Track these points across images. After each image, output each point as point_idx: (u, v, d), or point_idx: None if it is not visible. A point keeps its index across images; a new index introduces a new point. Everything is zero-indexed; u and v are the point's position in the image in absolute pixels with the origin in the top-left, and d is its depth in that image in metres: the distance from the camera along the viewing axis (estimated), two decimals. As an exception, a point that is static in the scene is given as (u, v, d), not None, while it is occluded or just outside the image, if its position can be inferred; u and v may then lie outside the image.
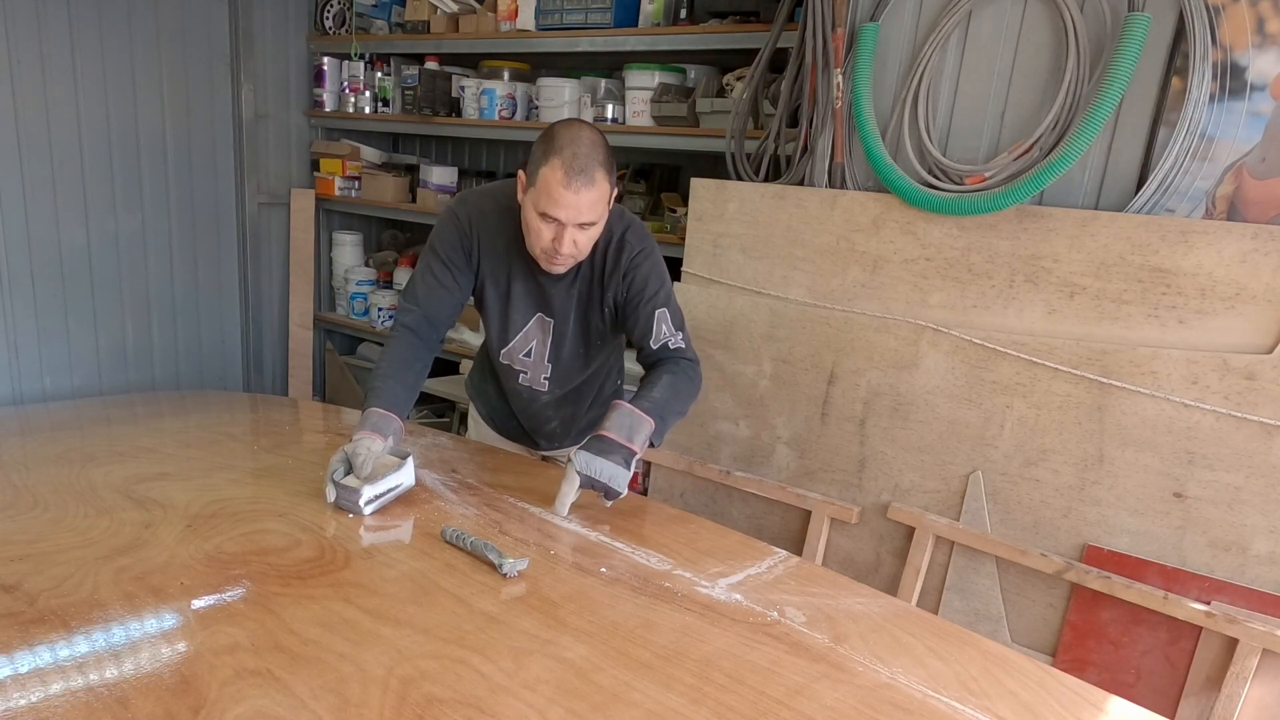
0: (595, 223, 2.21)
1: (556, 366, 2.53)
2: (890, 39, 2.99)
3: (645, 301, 2.38)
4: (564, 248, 2.19)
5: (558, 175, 2.11)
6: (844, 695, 1.56)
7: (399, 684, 1.48)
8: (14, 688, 1.41)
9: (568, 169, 2.11)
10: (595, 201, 2.16)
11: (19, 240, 4.24)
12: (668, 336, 2.40)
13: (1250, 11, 2.42)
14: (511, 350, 2.51)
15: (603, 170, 2.16)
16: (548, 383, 2.55)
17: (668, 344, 2.41)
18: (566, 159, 2.11)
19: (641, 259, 2.38)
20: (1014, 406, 2.78)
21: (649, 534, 2.17)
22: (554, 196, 2.13)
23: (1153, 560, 2.60)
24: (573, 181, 2.11)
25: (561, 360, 2.52)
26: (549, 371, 2.53)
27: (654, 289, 2.40)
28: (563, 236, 2.18)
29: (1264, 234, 2.39)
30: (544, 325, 2.47)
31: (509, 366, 2.55)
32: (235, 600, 1.72)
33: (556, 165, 2.11)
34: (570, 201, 2.13)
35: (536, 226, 2.20)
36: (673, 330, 2.41)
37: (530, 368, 2.53)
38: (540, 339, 2.49)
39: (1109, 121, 2.61)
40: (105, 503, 2.12)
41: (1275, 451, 2.41)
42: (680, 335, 2.43)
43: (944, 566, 2.96)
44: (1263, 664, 2.42)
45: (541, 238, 2.21)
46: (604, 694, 1.50)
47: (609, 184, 2.19)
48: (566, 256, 2.23)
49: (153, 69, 4.55)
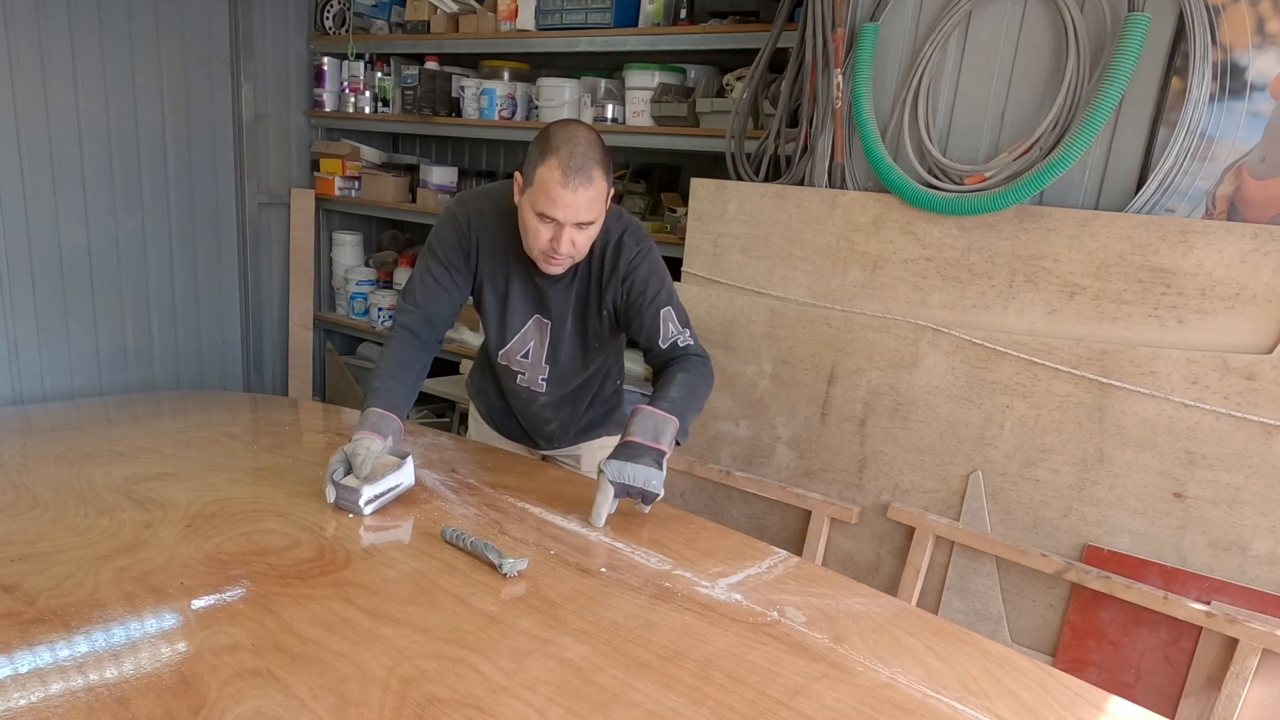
0: (593, 222, 2.21)
1: (554, 368, 2.52)
2: (890, 39, 2.99)
3: (649, 303, 2.38)
4: (562, 248, 2.19)
5: (555, 175, 2.11)
6: (844, 695, 1.56)
7: (399, 684, 1.48)
8: (14, 688, 1.41)
9: (565, 168, 2.10)
10: (593, 201, 2.16)
11: (19, 240, 4.23)
12: (676, 335, 2.40)
13: (1250, 11, 2.42)
14: (509, 351, 2.51)
15: (600, 169, 2.15)
16: (545, 384, 2.55)
17: (676, 342, 2.41)
18: (564, 158, 2.11)
19: (640, 260, 2.38)
20: (1014, 406, 2.78)
21: (649, 534, 2.17)
22: (552, 196, 2.12)
23: (1153, 560, 2.60)
24: (570, 180, 2.10)
25: (559, 362, 2.52)
26: (546, 373, 2.53)
27: (655, 289, 2.39)
28: (561, 237, 2.17)
29: (1264, 234, 2.39)
30: (541, 327, 2.47)
31: (507, 367, 2.55)
32: (235, 600, 1.71)
33: (554, 165, 2.11)
34: (568, 201, 2.12)
35: (534, 227, 2.19)
36: (679, 328, 2.41)
37: (528, 369, 2.53)
38: (538, 340, 2.48)
39: (1109, 121, 2.61)
40: (105, 503, 2.12)
41: (1275, 451, 2.41)
42: (687, 332, 2.43)
43: (944, 566, 2.96)
44: (1263, 664, 2.41)
45: (539, 239, 2.20)
46: (604, 694, 1.50)
47: (606, 183, 2.19)
48: (565, 257, 2.23)
49: (153, 69, 4.55)
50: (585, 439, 2.78)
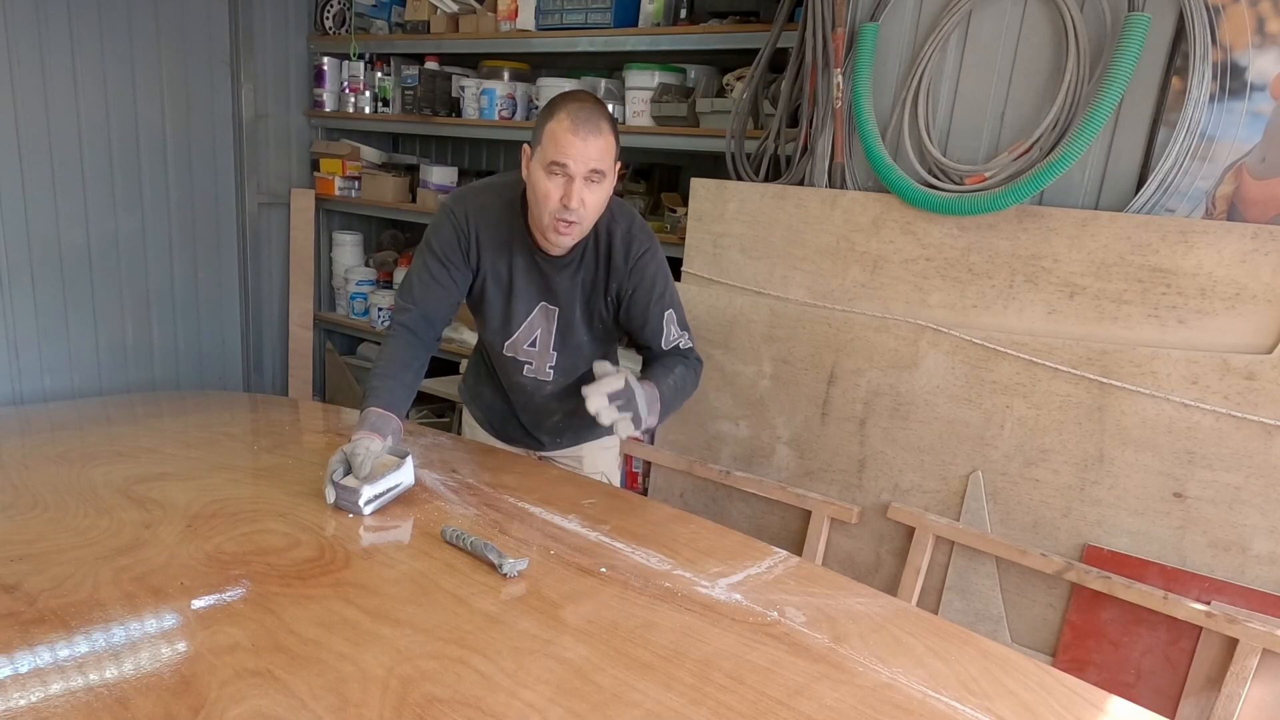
0: (604, 176, 2.22)
1: (562, 355, 2.52)
2: (890, 39, 2.99)
3: (654, 301, 2.42)
4: (573, 202, 2.18)
5: (565, 125, 2.14)
6: (844, 695, 1.56)
7: (399, 684, 1.48)
8: (14, 688, 1.41)
9: (574, 119, 2.14)
10: (603, 151, 2.18)
11: (19, 240, 4.23)
12: (678, 339, 2.48)
13: (1250, 11, 2.42)
14: (515, 342, 2.51)
15: (608, 124, 2.19)
16: (553, 372, 2.55)
17: (678, 346, 2.49)
18: (572, 111, 2.15)
19: (649, 258, 2.41)
20: (1014, 406, 2.78)
21: (649, 534, 2.16)
22: (562, 145, 2.15)
23: (1153, 560, 2.60)
24: (580, 129, 2.14)
25: (567, 348, 2.52)
26: (554, 360, 2.53)
27: (661, 288, 2.43)
28: (571, 191, 2.17)
29: (1264, 234, 2.39)
30: (548, 314, 2.47)
31: (513, 359, 2.55)
32: (235, 600, 1.71)
33: (563, 118, 2.15)
34: (579, 149, 2.15)
35: (544, 188, 2.20)
36: (680, 331, 2.48)
37: (535, 358, 2.53)
38: (545, 328, 2.49)
39: (1109, 121, 2.60)
40: (105, 503, 2.11)
41: (1275, 452, 2.41)
42: (687, 335, 2.50)
43: (944, 566, 2.96)
44: (1263, 664, 2.41)
45: (550, 199, 2.20)
46: (604, 694, 1.50)
47: (614, 141, 2.22)
48: (574, 216, 2.22)
49: (153, 69, 4.54)
50: (587, 438, 2.78)
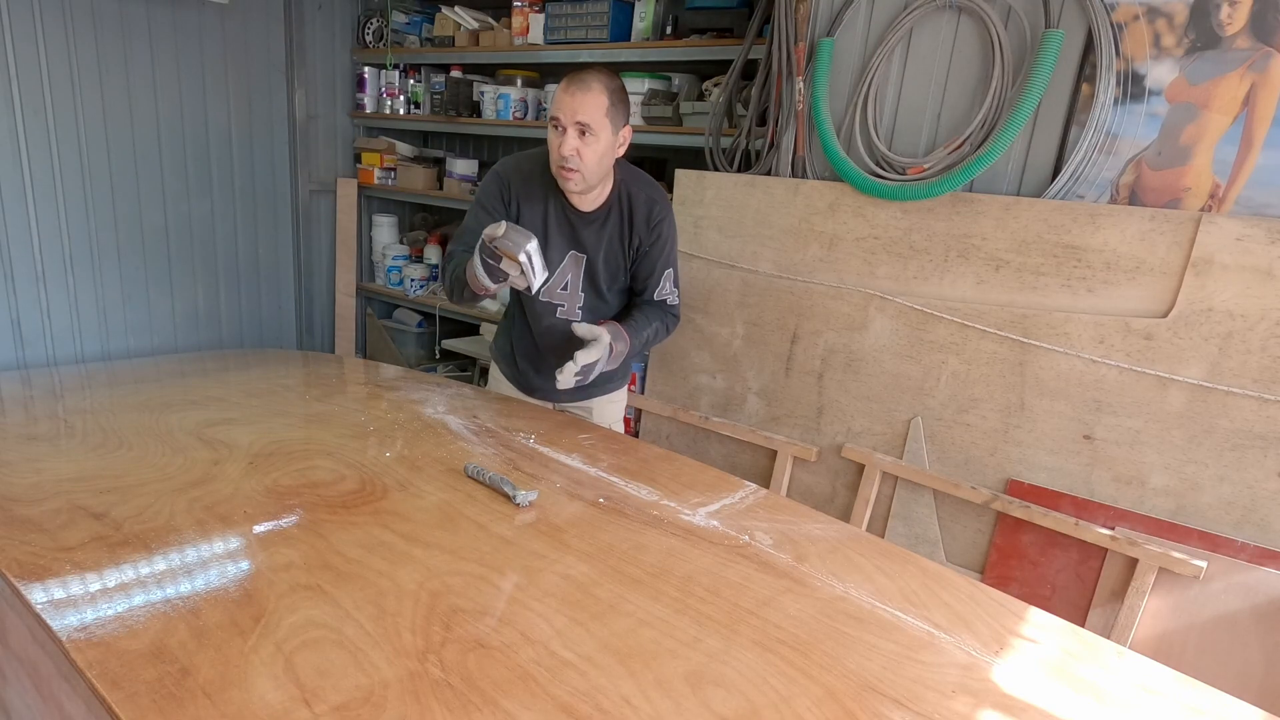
0: (592, 129, 2.20)
1: (590, 296, 2.52)
2: (844, 51, 2.94)
3: (660, 256, 2.48)
4: (565, 150, 2.20)
5: (561, 85, 2.22)
6: (805, 606, 1.55)
7: (429, 596, 1.47)
8: (103, 599, 1.39)
9: (569, 80, 2.21)
10: (590, 105, 2.18)
11: (107, 221, 4.18)
12: (667, 294, 2.54)
13: (1149, 28, 2.39)
14: (551, 285, 2.47)
15: (600, 84, 2.20)
16: (581, 312, 2.53)
17: (667, 300, 2.55)
18: (571, 76, 2.22)
19: (668, 225, 2.48)
20: (948, 362, 2.76)
21: (639, 470, 2.15)
22: (556, 101, 2.22)
23: (1065, 492, 2.59)
24: (570, 86, 2.19)
25: (595, 290, 2.51)
26: (583, 301, 2.52)
27: (669, 251, 2.51)
28: (565, 141, 2.20)
29: (1160, 216, 2.37)
30: (577, 260, 2.46)
31: (548, 303, 2.51)
32: (290, 526, 1.70)
33: (563, 82, 2.22)
34: (566, 103, 2.19)
35: (550, 142, 2.25)
36: (672, 288, 2.55)
37: (567, 300, 2.51)
38: (575, 272, 2.47)
39: (1029, 121, 2.58)
40: (180, 443, 2.09)
41: (1169, 400, 2.40)
42: (676, 293, 2.57)
43: (889, 498, 2.96)
44: (1159, 580, 2.42)
45: (553, 150, 2.25)
46: (601, 605, 1.49)
47: (607, 100, 2.21)
48: (571, 164, 2.22)
49: (220, 77, 4.47)
50: (599, 392, 2.73)
